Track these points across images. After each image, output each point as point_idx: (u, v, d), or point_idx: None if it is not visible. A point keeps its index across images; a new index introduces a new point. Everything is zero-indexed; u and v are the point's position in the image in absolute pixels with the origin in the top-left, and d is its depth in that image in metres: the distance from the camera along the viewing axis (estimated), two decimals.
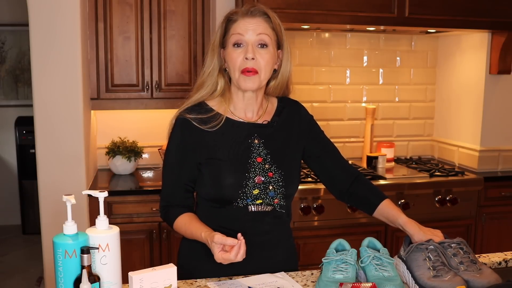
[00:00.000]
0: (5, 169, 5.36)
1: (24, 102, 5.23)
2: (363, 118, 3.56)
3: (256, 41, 1.50)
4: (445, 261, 1.40)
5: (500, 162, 3.36)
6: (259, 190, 1.52)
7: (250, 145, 1.55)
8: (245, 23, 1.51)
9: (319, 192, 2.85)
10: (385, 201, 1.62)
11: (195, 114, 1.55)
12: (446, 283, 1.31)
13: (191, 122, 1.54)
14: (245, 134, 1.56)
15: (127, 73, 3.01)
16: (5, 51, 5.21)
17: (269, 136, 1.58)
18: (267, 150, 1.56)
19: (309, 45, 3.44)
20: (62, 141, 2.70)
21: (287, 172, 1.56)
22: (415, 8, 2.90)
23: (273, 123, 1.60)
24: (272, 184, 1.53)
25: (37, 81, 2.65)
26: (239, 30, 1.50)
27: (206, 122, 1.54)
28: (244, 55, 1.49)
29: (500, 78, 3.29)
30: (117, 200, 2.77)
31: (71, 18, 2.64)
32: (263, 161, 1.54)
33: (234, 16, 1.54)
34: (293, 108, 1.67)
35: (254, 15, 1.52)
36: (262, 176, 1.53)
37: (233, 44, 1.51)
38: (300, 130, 1.64)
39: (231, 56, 1.51)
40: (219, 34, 1.56)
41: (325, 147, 1.68)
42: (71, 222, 1.20)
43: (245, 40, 1.50)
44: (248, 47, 1.49)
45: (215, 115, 1.55)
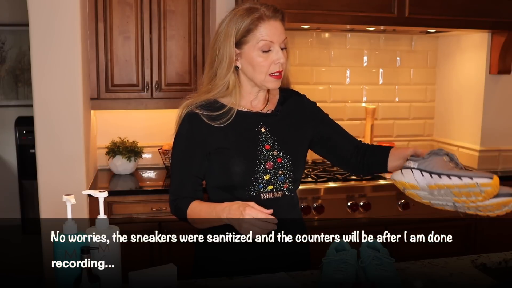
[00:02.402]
0: (5, 169, 5.36)
1: (24, 102, 5.23)
2: (363, 118, 3.56)
3: (281, 45, 1.55)
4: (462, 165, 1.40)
5: (500, 162, 3.36)
6: (270, 175, 1.57)
7: (257, 133, 1.60)
8: (272, 27, 1.53)
9: (319, 192, 2.85)
10: (390, 151, 1.64)
11: (205, 111, 1.57)
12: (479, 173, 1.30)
13: (200, 116, 1.56)
14: (252, 123, 1.61)
15: (127, 73, 3.01)
16: (5, 51, 5.20)
17: (275, 124, 1.63)
18: (274, 138, 1.61)
19: (309, 45, 3.44)
20: (62, 141, 2.70)
21: (295, 157, 1.62)
22: (415, 8, 2.90)
23: (277, 111, 1.65)
24: (281, 169, 1.59)
25: (37, 81, 2.65)
26: (267, 37, 1.52)
27: (215, 119, 1.56)
28: (276, 59, 1.53)
29: (500, 78, 3.28)
30: (117, 200, 2.77)
31: (71, 18, 2.64)
32: (271, 148, 1.60)
33: (259, 17, 1.52)
34: (295, 97, 1.72)
35: (277, 18, 1.54)
36: (272, 162, 1.58)
37: (261, 50, 1.53)
38: (305, 117, 1.70)
39: (257, 60, 1.54)
40: (240, 32, 1.53)
41: (333, 127, 1.75)
42: (71, 222, 1.20)
43: (273, 46, 1.53)
44: (279, 52, 1.53)
45: (227, 111, 1.57)
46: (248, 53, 1.54)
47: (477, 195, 1.30)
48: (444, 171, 1.34)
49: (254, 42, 1.53)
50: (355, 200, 2.91)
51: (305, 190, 2.83)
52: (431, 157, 1.41)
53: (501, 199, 1.30)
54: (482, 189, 1.29)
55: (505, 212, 1.33)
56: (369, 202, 2.91)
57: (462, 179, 1.31)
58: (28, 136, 4.95)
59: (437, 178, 1.36)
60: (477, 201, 1.31)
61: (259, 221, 1.39)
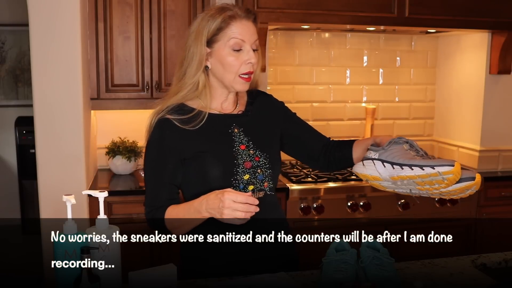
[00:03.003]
0: (5, 169, 5.36)
1: (24, 102, 5.23)
2: (363, 118, 3.56)
3: (253, 46, 1.54)
4: (422, 152, 1.40)
5: (500, 162, 3.36)
6: (249, 174, 1.56)
7: (231, 134, 1.59)
8: (244, 27, 1.52)
9: (319, 192, 2.85)
10: (354, 144, 1.65)
11: (176, 115, 1.55)
12: (440, 161, 1.30)
13: (171, 121, 1.54)
14: (225, 125, 1.60)
15: (127, 73, 3.01)
16: (5, 51, 5.20)
17: (247, 124, 1.62)
18: (248, 137, 1.60)
19: (309, 45, 3.44)
20: (62, 141, 2.70)
21: (271, 155, 1.62)
22: (415, 8, 2.90)
23: (248, 112, 1.65)
24: (260, 167, 1.58)
25: (37, 81, 2.65)
26: (239, 35, 1.52)
27: (187, 122, 1.54)
28: (246, 59, 1.52)
29: (500, 78, 3.28)
30: (117, 200, 2.77)
31: (71, 18, 2.64)
32: (246, 148, 1.59)
33: (231, 17, 1.52)
34: (263, 97, 1.72)
35: (249, 18, 1.54)
36: (250, 161, 1.57)
37: (232, 48, 1.52)
38: (275, 116, 1.70)
39: (228, 59, 1.52)
40: (211, 31, 1.53)
41: (301, 126, 1.75)
42: (71, 222, 1.20)
43: (244, 45, 1.52)
44: (248, 52, 1.52)
45: (197, 114, 1.56)
46: (218, 51, 1.53)
47: (439, 183, 1.31)
48: (406, 161, 1.34)
49: (225, 40, 1.52)
50: (355, 200, 2.91)
51: (305, 190, 2.83)
52: (392, 146, 1.41)
53: (464, 184, 1.32)
54: (444, 177, 1.29)
55: (468, 195, 1.35)
56: (369, 202, 2.91)
57: (424, 169, 1.31)
58: (28, 136, 4.95)
59: (399, 169, 1.36)
60: (440, 188, 1.32)
61: (240, 204, 1.37)
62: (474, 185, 1.32)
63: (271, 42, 3.34)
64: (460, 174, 1.30)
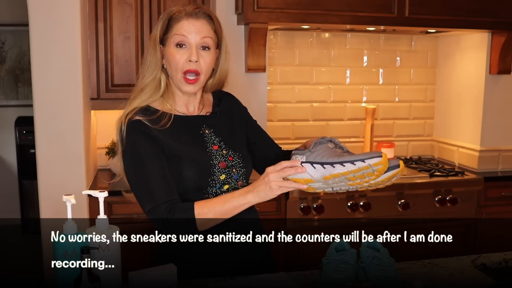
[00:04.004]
0: (5, 169, 5.36)
1: (24, 102, 5.23)
2: (363, 118, 3.56)
3: (200, 44, 1.54)
4: (346, 148, 1.43)
5: (500, 162, 3.36)
6: (225, 174, 1.57)
7: (202, 136, 1.60)
8: (189, 24, 1.53)
9: (319, 192, 2.85)
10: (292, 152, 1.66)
11: (144, 116, 1.54)
12: (367, 154, 1.33)
13: (142, 121, 1.53)
14: (195, 127, 1.60)
15: (127, 73, 3.01)
16: (5, 51, 5.21)
17: (217, 125, 1.64)
18: (219, 138, 1.61)
19: (309, 45, 3.44)
20: (62, 141, 2.70)
21: (243, 154, 1.63)
22: (415, 8, 2.90)
23: (216, 113, 1.66)
24: (234, 167, 1.59)
25: (37, 81, 2.65)
26: (183, 31, 1.53)
27: (155, 122, 1.54)
28: (188, 57, 1.52)
29: (500, 78, 3.29)
30: (117, 200, 2.77)
31: (71, 18, 2.64)
32: (219, 148, 1.59)
33: (178, 15, 1.55)
34: (229, 99, 1.73)
35: (198, 17, 1.54)
36: (224, 161, 1.58)
37: (175, 44, 1.53)
38: (240, 118, 1.72)
39: (173, 56, 1.53)
40: (160, 30, 1.56)
41: (260, 133, 1.77)
42: (71, 222, 1.20)
43: (188, 42, 1.53)
44: (192, 50, 1.53)
45: (162, 115, 1.56)
46: (168, 49, 1.55)
47: (370, 175, 1.34)
48: (335, 159, 1.36)
49: (171, 37, 1.54)
50: (355, 200, 2.91)
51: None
52: (317, 147, 1.42)
53: (391, 173, 1.35)
54: (374, 168, 1.32)
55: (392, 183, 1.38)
56: (369, 202, 2.91)
57: (355, 163, 1.33)
58: (28, 136, 4.95)
59: (330, 168, 1.36)
60: (370, 180, 1.35)
61: (286, 182, 1.40)
62: (399, 172, 1.36)
63: (271, 42, 3.34)
64: (388, 163, 1.33)
